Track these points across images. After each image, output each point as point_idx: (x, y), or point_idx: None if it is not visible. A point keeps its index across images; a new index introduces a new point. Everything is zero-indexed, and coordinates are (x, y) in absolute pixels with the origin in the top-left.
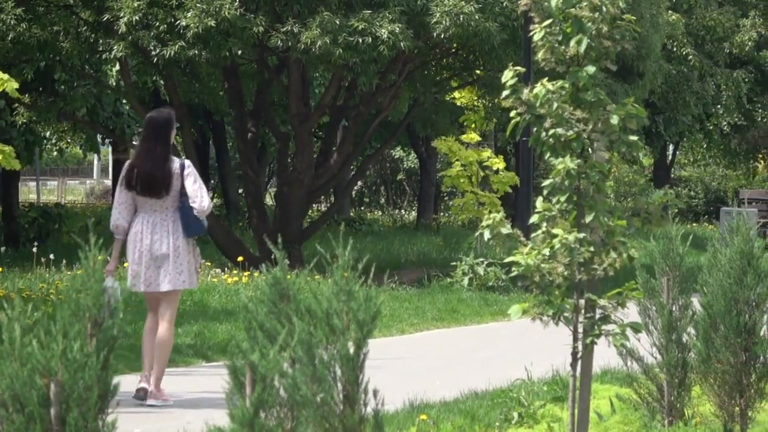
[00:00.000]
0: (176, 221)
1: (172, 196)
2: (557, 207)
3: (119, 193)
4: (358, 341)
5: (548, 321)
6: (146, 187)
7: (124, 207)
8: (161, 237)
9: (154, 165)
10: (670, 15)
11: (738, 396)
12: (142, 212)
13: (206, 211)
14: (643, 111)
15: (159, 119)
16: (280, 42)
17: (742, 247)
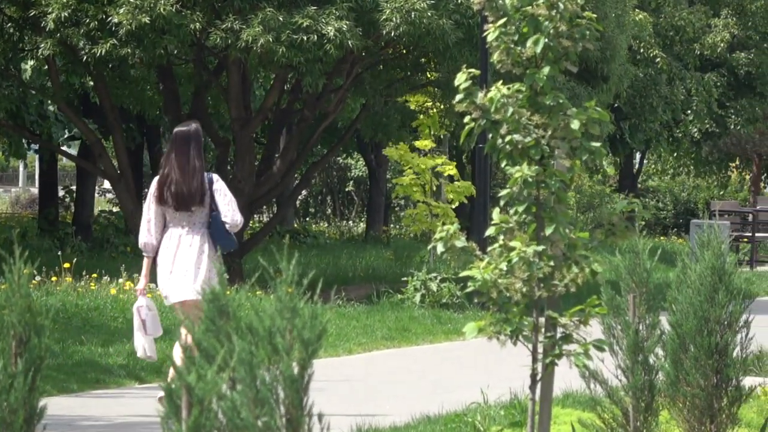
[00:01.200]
0: (204, 235)
1: (203, 210)
2: (515, 218)
3: (148, 209)
4: (302, 361)
5: (506, 340)
6: (180, 201)
7: (153, 224)
8: (191, 251)
9: (189, 179)
10: (636, 14)
11: (709, 421)
12: (171, 227)
13: (239, 226)
14: (607, 116)
15: (189, 132)
16: (219, 40)
17: (714, 262)
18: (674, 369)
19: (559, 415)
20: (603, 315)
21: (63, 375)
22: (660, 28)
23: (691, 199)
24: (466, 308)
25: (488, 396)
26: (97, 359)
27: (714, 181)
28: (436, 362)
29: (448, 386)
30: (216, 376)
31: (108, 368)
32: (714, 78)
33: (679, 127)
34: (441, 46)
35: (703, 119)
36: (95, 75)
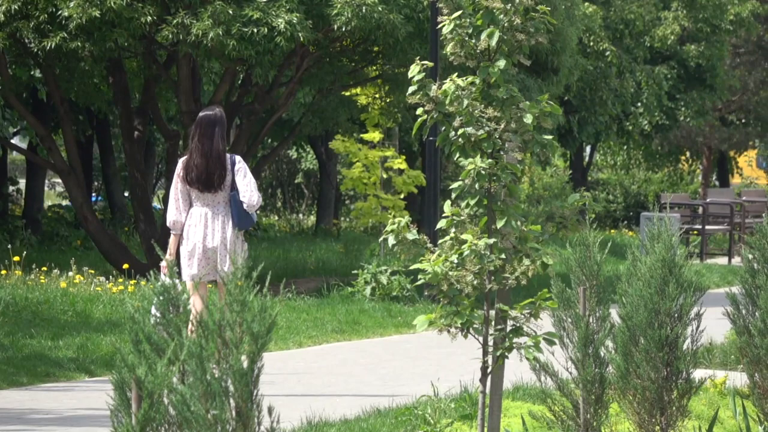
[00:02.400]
0: (227, 215)
1: (225, 190)
2: (466, 211)
3: (175, 189)
4: (252, 355)
5: (456, 333)
6: (204, 181)
7: (180, 202)
8: (213, 230)
9: (213, 161)
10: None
11: (659, 414)
12: (197, 206)
13: (255, 206)
14: (559, 109)
15: (213, 117)
16: (170, 35)
17: (664, 254)
18: (625, 361)
19: (510, 408)
20: (553, 308)
21: (13, 368)
22: (610, 21)
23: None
24: (416, 301)
25: (438, 389)
26: (47, 353)
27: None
28: (387, 355)
29: (399, 379)
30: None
31: (58, 361)
32: (664, 71)
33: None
34: (391, 41)
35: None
36: (45, 68)
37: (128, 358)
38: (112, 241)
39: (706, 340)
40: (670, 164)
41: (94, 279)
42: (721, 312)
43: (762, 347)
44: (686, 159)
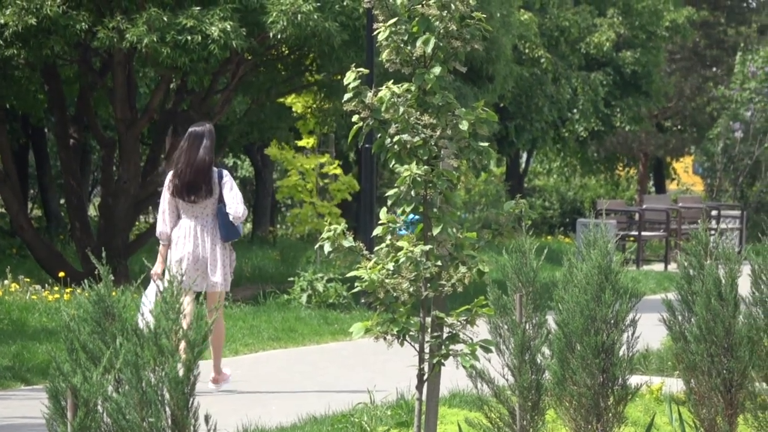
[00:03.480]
0: (215, 227)
1: (212, 202)
2: (402, 218)
3: (163, 201)
4: (188, 363)
5: (393, 340)
6: (192, 193)
7: (168, 214)
8: (203, 241)
9: (200, 174)
10: (522, 14)
11: (595, 420)
12: (185, 218)
13: (241, 218)
14: (494, 116)
15: (203, 132)
16: (106, 40)
17: (600, 261)
18: (561, 368)
19: (446, 415)
20: (490, 315)
21: None
22: (545, 29)
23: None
24: (353, 308)
25: (375, 396)
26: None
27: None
28: (323, 363)
29: (335, 386)
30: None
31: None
32: (600, 77)
33: (565, 126)
34: (327, 48)
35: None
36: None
37: (63, 366)
38: (47, 249)
39: (642, 347)
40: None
41: (30, 287)
42: (657, 318)
43: (698, 353)
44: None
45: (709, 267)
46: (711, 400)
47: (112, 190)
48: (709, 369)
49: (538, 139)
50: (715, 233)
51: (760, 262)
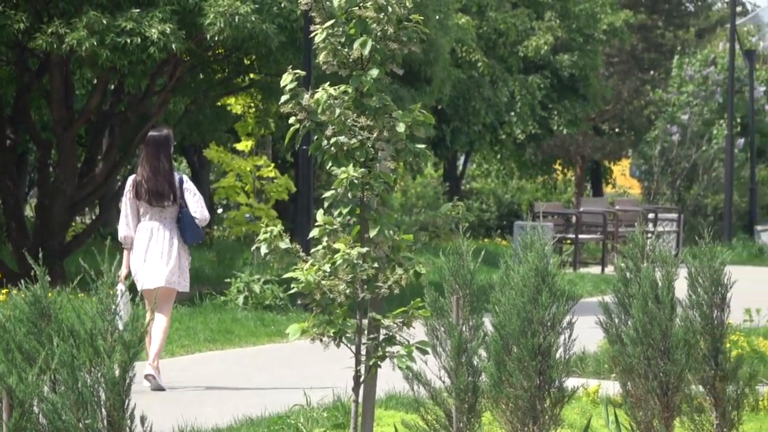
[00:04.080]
0: (174, 229)
1: (174, 206)
2: (339, 220)
3: (125, 206)
4: (124, 364)
5: (329, 342)
6: (154, 197)
7: (130, 218)
8: (162, 243)
9: (161, 178)
10: (459, 18)
11: (532, 422)
12: (145, 220)
13: (206, 221)
14: (431, 118)
15: (161, 137)
16: (44, 44)
17: (537, 263)
18: (498, 370)
19: (383, 417)
20: (426, 317)
21: None
22: (483, 32)
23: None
24: (289, 310)
25: (311, 398)
26: None
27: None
28: (260, 364)
29: (271, 388)
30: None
31: None
32: (537, 80)
33: (502, 129)
34: (264, 50)
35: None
36: None
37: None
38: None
39: (579, 349)
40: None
41: None
42: (594, 321)
43: (634, 356)
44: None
45: (646, 270)
46: (647, 402)
47: (48, 191)
48: (645, 372)
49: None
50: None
51: (697, 265)
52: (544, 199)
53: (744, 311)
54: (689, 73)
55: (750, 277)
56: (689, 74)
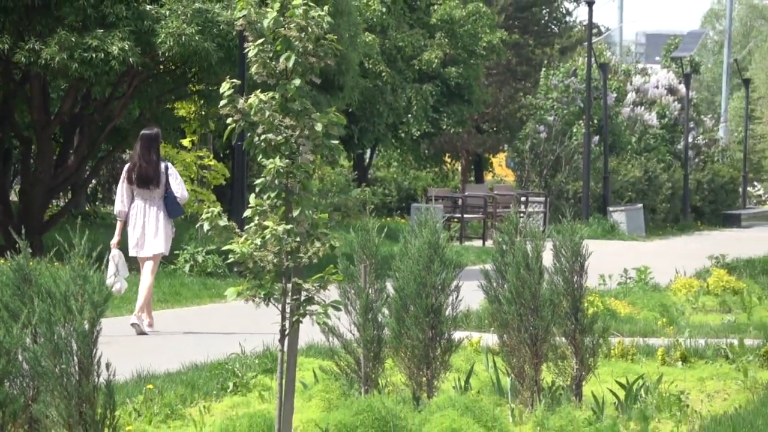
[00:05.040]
0: (160, 207)
1: (160, 188)
2: (268, 202)
3: (121, 187)
4: (92, 320)
5: (260, 302)
6: (143, 182)
7: (125, 197)
8: (151, 218)
9: (150, 167)
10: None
11: (425, 368)
12: (138, 200)
13: (186, 199)
14: (343, 119)
15: (152, 135)
16: (24, 59)
17: (430, 238)
18: (398, 325)
19: (303, 363)
20: (339, 281)
21: None
22: (385, 48)
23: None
24: (227, 276)
25: (245, 348)
26: None
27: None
28: (203, 321)
29: (213, 341)
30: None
31: None
32: (430, 88)
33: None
34: (206, 64)
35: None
36: None
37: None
38: None
39: (464, 308)
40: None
41: None
42: (476, 285)
43: (509, 313)
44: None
45: (519, 243)
46: (520, 351)
47: (29, 179)
48: (518, 326)
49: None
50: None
51: (560, 239)
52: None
53: (599, 277)
54: (554, 82)
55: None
56: (554, 83)
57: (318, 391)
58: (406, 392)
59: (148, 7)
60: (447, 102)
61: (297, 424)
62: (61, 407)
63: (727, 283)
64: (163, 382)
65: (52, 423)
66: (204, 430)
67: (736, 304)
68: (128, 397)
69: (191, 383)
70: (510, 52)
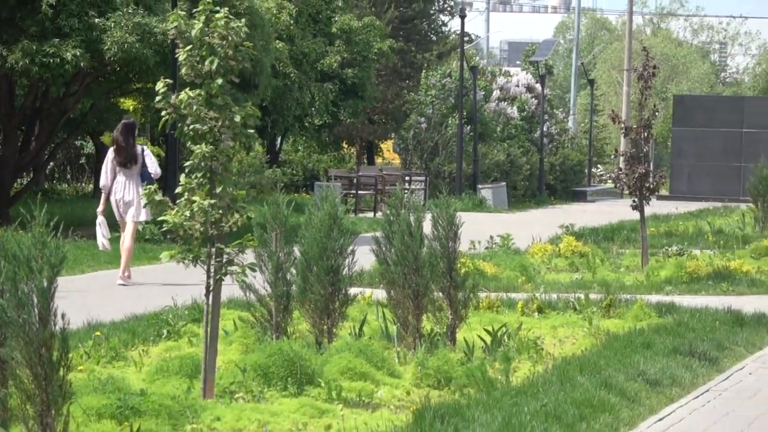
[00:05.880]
0: (138, 182)
1: (137, 166)
2: (195, 181)
3: (106, 165)
4: (50, 278)
5: (189, 264)
6: (124, 161)
7: (108, 174)
8: (129, 190)
9: (130, 149)
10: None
11: (326, 318)
12: (119, 176)
13: (158, 175)
14: (258, 112)
15: (130, 124)
16: None
17: (330, 210)
18: (303, 283)
19: (225, 314)
20: (255, 246)
21: None
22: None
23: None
24: (162, 242)
25: (177, 301)
26: None
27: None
28: (142, 279)
29: (150, 295)
30: None
31: None
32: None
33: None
34: (144, 66)
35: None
36: None
37: None
38: None
39: (358, 268)
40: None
41: None
42: (369, 249)
43: (396, 273)
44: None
45: (403, 215)
46: (404, 304)
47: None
48: (403, 283)
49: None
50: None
51: (438, 211)
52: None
53: (469, 242)
54: (432, 81)
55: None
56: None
57: (237, 337)
58: (310, 338)
59: (96, 20)
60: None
61: (220, 364)
62: (24, 351)
63: (575, 247)
64: (109, 329)
65: (17, 364)
66: (143, 369)
67: (583, 265)
68: (80, 342)
69: (132, 331)
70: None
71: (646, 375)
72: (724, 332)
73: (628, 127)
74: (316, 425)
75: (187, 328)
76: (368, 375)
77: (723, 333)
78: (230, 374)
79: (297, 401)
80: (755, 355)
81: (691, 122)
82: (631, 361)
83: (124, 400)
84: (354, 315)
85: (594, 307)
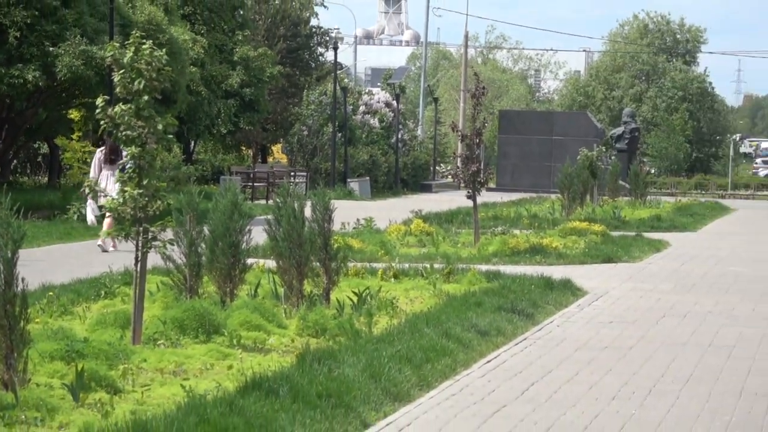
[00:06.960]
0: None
1: (118, 163)
2: (128, 175)
3: (95, 163)
4: (13, 250)
5: (122, 240)
6: (115, 160)
7: (96, 169)
8: (112, 182)
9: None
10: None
11: (229, 282)
12: (104, 170)
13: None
14: (176, 122)
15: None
16: None
17: (232, 198)
18: (211, 254)
19: (150, 279)
20: (174, 226)
21: None
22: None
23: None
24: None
25: (113, 269)
26: None
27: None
28: (88, 252)
29: (93, 264)
30: None
31: None
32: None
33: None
34: (88, 85)
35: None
36: None
37: None
38: None
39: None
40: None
41: None
42: (262, 228)
43: (283, 247)
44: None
45: (290, 202)
46: (290, 271)
47: None
48: (289, 255)
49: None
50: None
51: (316, 199)
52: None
53: (341, 224)
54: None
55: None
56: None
57: (159, 297)
58: (216, 298)
59: (51, 49)
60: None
61: (146, 317)
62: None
63: (423, 228)
64: (59, 290)
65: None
66: (86, 322)
67: (429, 242)
68: (36, 300)
69: (77, 291)
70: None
71: (477, 327)
72: (538, 294)
73: (464, 134)
74: (221, 365)
75: (121, 289)
76: (261, 327)
77: (537, 294)
78: (154, 326)
79: (206, 347)
80: (561, 312)
81: (512, 131)
82: (466, 316)
83: (71, 346)
84: (251, 280)
85: (437, 274)
